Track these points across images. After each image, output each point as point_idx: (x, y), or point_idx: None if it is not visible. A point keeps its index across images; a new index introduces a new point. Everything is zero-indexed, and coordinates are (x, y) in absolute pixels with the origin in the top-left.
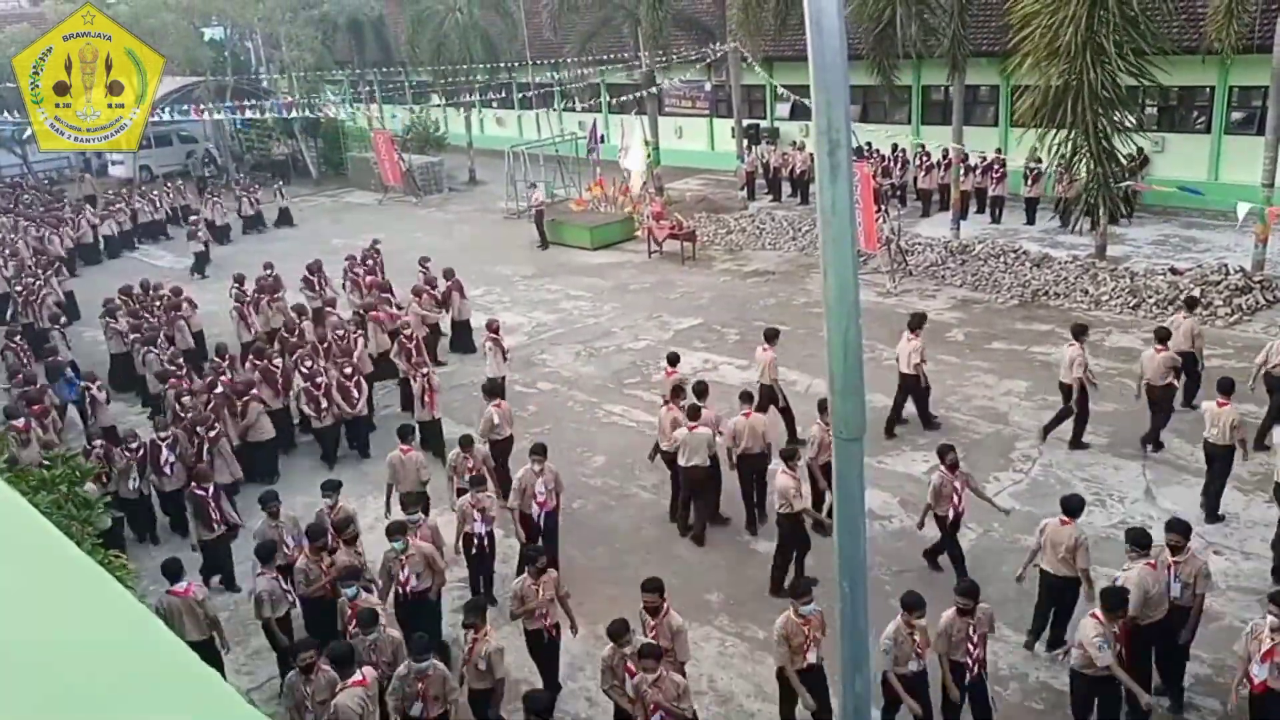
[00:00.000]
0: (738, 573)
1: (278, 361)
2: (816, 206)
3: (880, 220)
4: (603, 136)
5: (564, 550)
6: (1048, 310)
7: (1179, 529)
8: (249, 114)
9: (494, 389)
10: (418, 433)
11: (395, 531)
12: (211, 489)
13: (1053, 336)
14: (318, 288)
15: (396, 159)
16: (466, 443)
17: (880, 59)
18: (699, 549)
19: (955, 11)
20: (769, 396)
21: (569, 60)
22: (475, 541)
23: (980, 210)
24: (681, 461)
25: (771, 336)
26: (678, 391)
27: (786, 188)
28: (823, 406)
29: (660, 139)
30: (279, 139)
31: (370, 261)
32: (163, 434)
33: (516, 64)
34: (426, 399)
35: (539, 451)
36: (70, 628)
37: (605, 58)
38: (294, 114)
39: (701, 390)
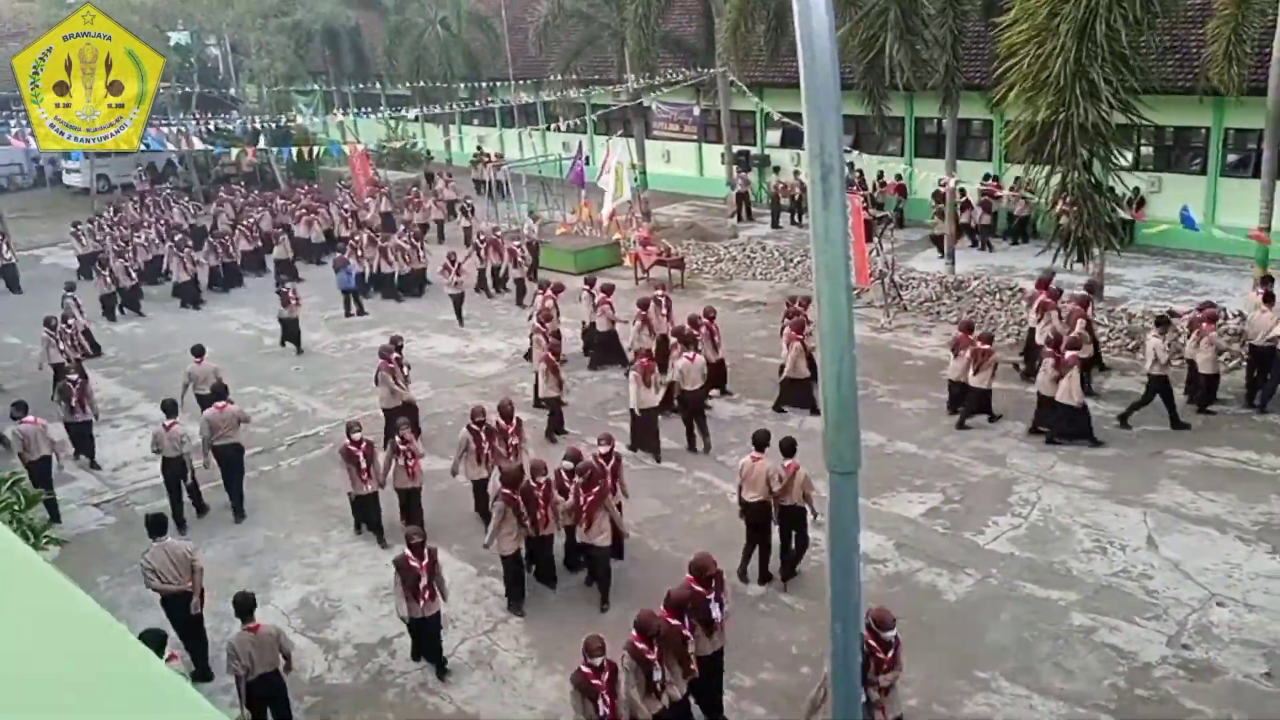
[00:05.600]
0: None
1: None
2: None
3: (873, 253)
4: (587, 158)
5: (540, 588)
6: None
7: None
8: (214, 132)
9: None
10: None
11: None
12: None
13: None
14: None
15: (371, 175)
16: None
17: (871, 88)
18: None
19: (948, 44)
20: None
21: (553, 79)
22: None
23: (972, 245)
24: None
25: None
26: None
27: (784, 218)
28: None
29: (648, 163)
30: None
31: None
32: None
33: (499, 81)
34: None
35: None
36: (45, 647)
37: (591, 77)
38: (261, 124)
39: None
